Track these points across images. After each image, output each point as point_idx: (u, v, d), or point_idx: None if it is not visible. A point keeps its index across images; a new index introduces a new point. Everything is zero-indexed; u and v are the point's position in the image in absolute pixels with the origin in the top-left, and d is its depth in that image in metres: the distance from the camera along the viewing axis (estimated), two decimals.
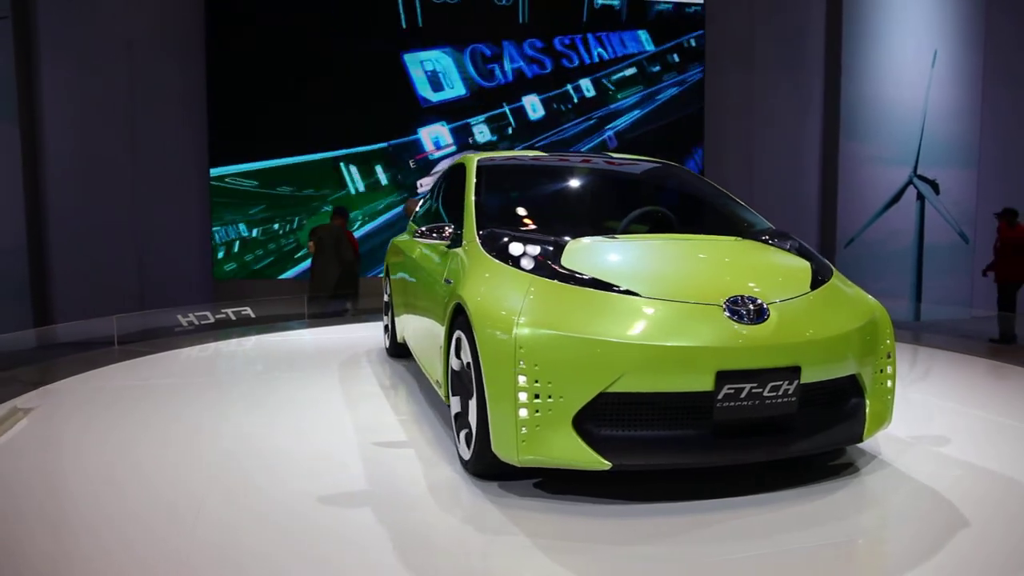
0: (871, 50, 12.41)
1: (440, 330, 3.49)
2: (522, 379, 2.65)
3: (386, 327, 5.76)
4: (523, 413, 2.65)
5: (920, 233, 12.15)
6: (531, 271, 2.99)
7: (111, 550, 2.47)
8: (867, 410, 3.03)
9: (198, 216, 10.90)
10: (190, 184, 10.82)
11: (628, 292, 2.83)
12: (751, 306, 2.80)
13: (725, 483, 2.94)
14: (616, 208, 3.98)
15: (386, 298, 5.73)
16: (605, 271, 2.96)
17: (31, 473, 3.25)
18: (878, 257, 11.91)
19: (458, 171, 4.36)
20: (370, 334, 6.65)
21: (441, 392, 3.57)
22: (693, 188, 4.42)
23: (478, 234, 3.42)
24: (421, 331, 4.19)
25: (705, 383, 2.65)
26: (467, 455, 3.07)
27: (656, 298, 2.81)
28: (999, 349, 6.42)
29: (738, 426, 2.77)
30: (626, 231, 3.65)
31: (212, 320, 7.78)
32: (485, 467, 2.98)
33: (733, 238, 3.59)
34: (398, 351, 5.41)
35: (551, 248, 3.10)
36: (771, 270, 3.20)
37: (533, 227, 3.65)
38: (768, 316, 2.79)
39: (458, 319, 3.19)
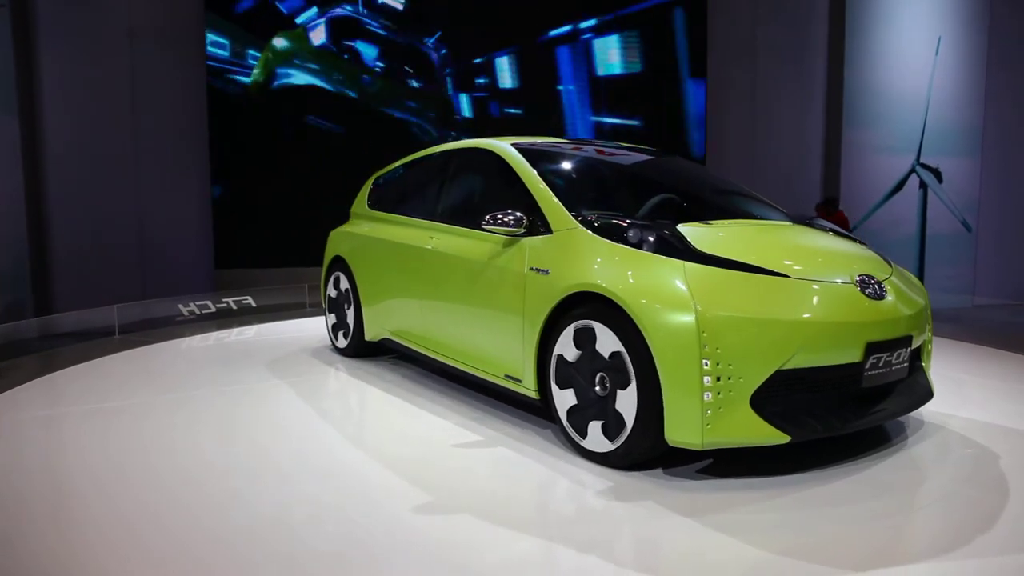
0: (874, 37, 12.32)
1: (519, 321, 3.43)
2: (706, 363, 2.71)
3: (334, 325, 5.35)
4: (708, 397, 2.72)
5: (923, 222, 12.09)
6: (673, 256, 2.97)
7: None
8: (927, 371, 3.46)
9: (200, 205, 10.88)
10: (191, 173, 10.78)
11: (778, 274, 2.94)
12: (875, 284, 3.08)
13: (802, 456, 3.12)
14: (666, 193, 3.99)
15: (334, 294, 5.32)
16: (734, 254, 3.02)
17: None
18: (881, 246, 11.74)
19: (481, 157, 4.21)
20: None
21: (525, 388, 3.46)
22: (711, 177, 4.57)
23: (580, 220, 3.33)
24: (465, 326, 3.94)
25: (857, 355, 2.91)
26: (607, 447, 3.02)
27: (804, 279, 2.96)
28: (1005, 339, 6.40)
29: (871, 393, 3.06)
30: (649, 216, 3.64)
31: (213, 309, 7.77)
32: (639, 457, 2.98)
33: (788, 223, 3.74)
34: (361, 350, 5.08)
35: (676, 234, 3.09)
36: (857, 252, 3.42)
37: (610, 212, 3.54)
38: (887, 292, 3.10)
39: (578, 309, 3.12)
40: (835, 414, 2.93)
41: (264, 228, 10.94)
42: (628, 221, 3.21)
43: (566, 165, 4.10)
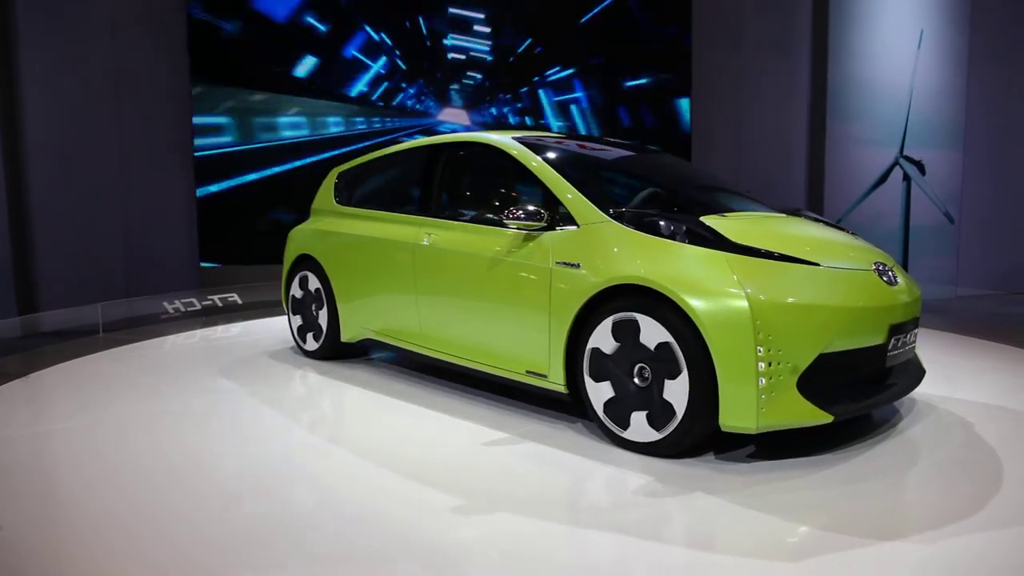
0: (858, 30, 12.38)
1: (543, 316, 3.42)
2: (760, 349, 2.83)
3: (300, 327, 5.16)
4: (762, 382, 2.84)
5: (906, 214, 12.18)
6: (709, 247, 3.06)
7: None
8: (916, 352, 3.66)
9: (184, 201, 10.76)
10: (176, 169, 10.67)
11: (809, 262, 3.08)
12: (888, 271, 3.31)
13: (806, 441, 3.24)
14: (666, 187, 4.09)
15: (299, 294, 5.12)
16: (762, 244, 3.12)
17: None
18: (865, 237, 11.81)
19: (481, 152, 4.16)
20: None
21: (552, 383, 3.45)
22: (699, 172, 4.65)
23: (614, 214, 3.34)
24: (477, 323, 3.85)
25: (882, 337, 3.14)
26: (653, 437, 3.07)
27: (832, 267, 3.14)
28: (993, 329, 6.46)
29: (882, 373, 3.29)
30: (641, 206, 3.68)
31: (198, 307, 7.70)
32: (688, 444, 3.05)
33: (785, 216, 3.84)
34: (333, 352, 4.93)
35: (706, 226, 3.18)
36: (862, 243, 3.62)
37: (630, 205, 3.65)
38: (898, 278, 3.32)
39: (615, 302, 3.16)
40: (863, 393, 3.14)
41: (251, 224, 10.84)
42: (658, 213, 3.28)
43: (572, 159, 4.02)
